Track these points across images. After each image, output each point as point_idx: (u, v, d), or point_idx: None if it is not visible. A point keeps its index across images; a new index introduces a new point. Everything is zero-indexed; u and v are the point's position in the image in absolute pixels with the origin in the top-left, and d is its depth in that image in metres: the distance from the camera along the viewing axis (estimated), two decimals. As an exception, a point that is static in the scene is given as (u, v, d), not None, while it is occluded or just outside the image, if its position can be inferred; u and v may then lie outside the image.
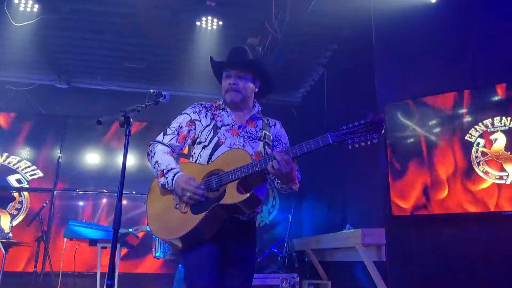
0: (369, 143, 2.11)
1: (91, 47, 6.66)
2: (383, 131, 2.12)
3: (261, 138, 2.52)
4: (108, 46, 6.60)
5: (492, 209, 3.85)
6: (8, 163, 7.27)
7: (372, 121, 2.12)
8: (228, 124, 2.53)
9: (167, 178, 2.33)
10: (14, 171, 7.27)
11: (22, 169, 7.30)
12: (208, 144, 2.47)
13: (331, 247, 5.29)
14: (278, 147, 2.56)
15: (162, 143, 2.49)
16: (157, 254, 5.32)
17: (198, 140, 2.53)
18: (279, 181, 2.36)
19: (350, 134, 2.13)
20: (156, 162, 2.41)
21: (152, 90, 2.58)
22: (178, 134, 2.51)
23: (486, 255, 3.89)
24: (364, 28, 5.10)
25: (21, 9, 5.23)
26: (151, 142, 2.54)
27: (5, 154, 7.29)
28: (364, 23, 5.09)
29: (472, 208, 3.95)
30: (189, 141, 2.55)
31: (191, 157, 2.57)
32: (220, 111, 2.59)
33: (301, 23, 4.98)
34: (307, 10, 4.66)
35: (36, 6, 5.23)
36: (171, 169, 2.35)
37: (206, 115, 2.56)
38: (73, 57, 6.99)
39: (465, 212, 3.99)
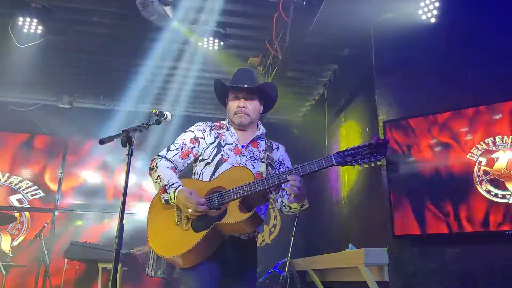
0: (372, 165, 2.12)
1: (93, 68, 6.72)
2: (387, 154, 2.12)
3: (264, 160, 2.54)
4: (110, 67, 6.66)
5: (495, 228, 3.82)
6: (10, 183, 7.27)
7: (376, 144, 2.12)
8: (231, 144, 2.55)
9: (169, 193, 2.34)
10: (16, 191, 7.26)
11: (24, 189, 7.29)
12: (211, 161, 2.49)
13: (333, 267, 5.24)
14: (280, 170, 2.57)
15: (165, 158, 2.50)
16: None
17: (201, 158, 2.55)
18: (291, 203, 2.36)
19: (354, 156, 2.14)
20: (159, 176, 2.41)
21: (154, 110, 2.60)
22: (181, 150, 2.52)
23: (490, 275, 3.85)
24: (364, 48, 5.15)
25: (25, 30, 5.29)
26: (154, 157, 2.54)
27: (7, 174, 7.29)
28: (364, 43, 5.15)
29: (475, 228, 3.93)
30: (192, 158, 2.57)
31: (193, 174, 2.59)
32: (224, 130, 2.62)
33: (302, 43, 5.02)
34: (307, 31, 4.71)
35: (40, 28, 5.29)
36: (173, 184, 2.35)
37: (210, 133, 2.59)
38: (76, 78, 7.04)
39: (468, 232, 3.96)
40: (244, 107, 2.55)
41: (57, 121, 7.50)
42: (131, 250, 5.56)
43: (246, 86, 2.57)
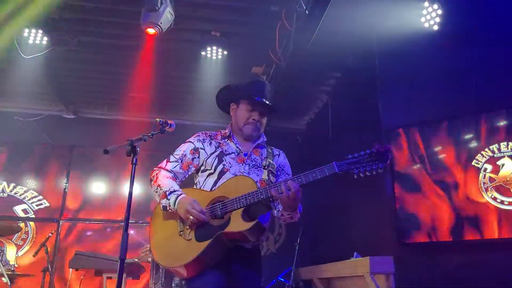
0: (374, 173, 2.12)
1: (97, 78, 6.76)
2: (389, 161, 2.12)
3: (266, 167, 2.54)
4: (114, 77, 6.70)
5: (502, 235, 3.80)
6: (15, 193, 7.29)
7: (378, 151, 2.12)
8: (233, 152, 2.55)
9: (169, 199, 2.34)
10: (21, 201, 7.28)
11: (29, 199, 7.31)
12: (214, 172, 2.49)
13: (338, 275, 5.21)
14: (281, 177, 2.58)
15: (165, 169, 2.51)
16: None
17: (202, 168, 2.55)
18: (281, 209, 2.37)
19: (356, 164, 2.14)
20: (159, 185, 2.42)
21: (158, 119, 2.61)
22: (181, 161, 2.53)
23: (497, 283, 3.82)
24: (367, 56, 5.16)
25: (31, 42, 5.35)
26: (154, 168, 2.55)
27: (12, 184, 7.32)
28: (367, 51, 5.16)
29: (482, 235, 3.90)
30: (193, 169, 2.57)
31: (195, 185, 2.59)
32: (226, 139, 2.61)
33: (305, 52, 5.04)
34: (310, 40, 4.72)
35: (45, 39, 5.35)
36: (174, 191, 2.36)
37: (210, 143, 2.59)
38: (80, 88, 7.09)
39: (474, 239, 3.94)
40: (258, 121, 2.56)
41: (62, 131, 7.55)
42: (136, 259, 5.54)
43: (269, 104, 2.57)
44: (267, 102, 2.56)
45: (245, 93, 2.59)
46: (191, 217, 2.25)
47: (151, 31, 4.75)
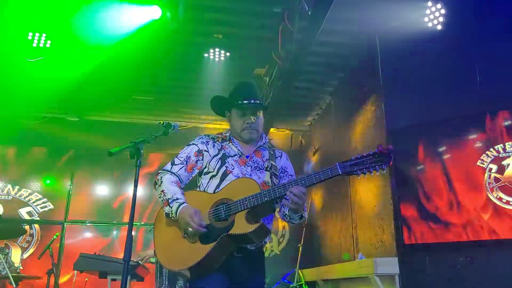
0: (377, 173, 2.16)
1: (101, 80, 6.76)
2: (391, 162, 2.14)
3: (268, 168, 2.54)
4: (117, 79, 6.70)
5: (507, 236, 3.78)
6: (20, 196, 7.32)
7: (381, 152, 2.15)
8: (235, 154, 2.56)
9: (171, 207, 2.34)
10: (26, 204, 7.30)
11: (33, 202, 7.34)
12: (216, 174, 2.49)
13: (343, 277, 5.20)
14: (284, 179, 2.59)
15: (170, 172, 2.51)
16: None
17: (206, 170, 2.55)
18: (288, 211, 2.37)
19: (359, 165, 2.17)
20: (162, 191, 2.42)
21: (161, 121, 2.62)
22: (186, 164, 2.53)
23: (502, 284, 3.80)
24: (370, 56, 5.16)
25: (34, 45, 5.37)
26: (159, 172, 2.56)
27: (17, 187, 7.34)
28: (370, 51, 5.15)
29: (487, 235, 3.88)
30: (197, 171, 2.57)
31: (198, 187, 2.59)
32: (227, 142, 2.62)
33: (307, 52, 5.03)
34: (313, 40, 4.72)
35: (49, 42, 5.37)
36: (176, 199, 2.36)
37: (213, 146, 2.60)
38: (84, 90, 7.09)
39: (480, 240, 3.92)
40: (253, 123, 2.56)
41: (65, 133, 7.57)
42: (140, 262, 5.54)
43: (258, 102, 2.57)
44: (256, 102, 2.56)
45: (232, 101, 2.60)
46: (190, 229, 2.26)
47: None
